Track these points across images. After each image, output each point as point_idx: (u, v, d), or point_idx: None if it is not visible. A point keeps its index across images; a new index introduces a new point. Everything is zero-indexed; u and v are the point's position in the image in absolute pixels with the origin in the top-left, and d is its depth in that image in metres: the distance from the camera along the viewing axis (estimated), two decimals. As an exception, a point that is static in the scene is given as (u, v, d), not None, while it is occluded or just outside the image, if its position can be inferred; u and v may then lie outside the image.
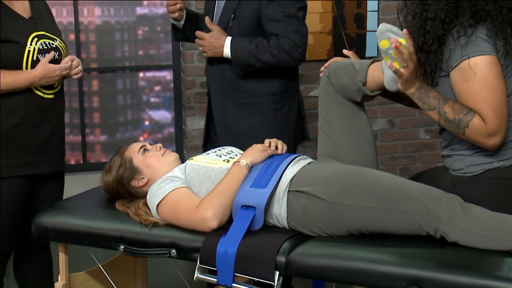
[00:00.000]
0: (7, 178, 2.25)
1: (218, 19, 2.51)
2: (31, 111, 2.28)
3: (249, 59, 2.43)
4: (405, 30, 1.78)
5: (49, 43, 2.31)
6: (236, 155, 2.07)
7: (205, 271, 1.85)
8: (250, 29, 2.46)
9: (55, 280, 2.15)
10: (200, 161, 2.04)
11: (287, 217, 1.89)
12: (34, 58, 2.26)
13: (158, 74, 4.09)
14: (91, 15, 3.92)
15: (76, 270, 2.20)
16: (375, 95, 1.99)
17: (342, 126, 2.01)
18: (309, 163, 1.99)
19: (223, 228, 1.86)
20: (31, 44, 2.25)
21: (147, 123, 4.13)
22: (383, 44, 1.81)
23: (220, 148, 2.17)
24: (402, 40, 1.77)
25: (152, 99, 4.11)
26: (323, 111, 2.06)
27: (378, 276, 1.67)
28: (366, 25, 3.93)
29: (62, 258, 2.09)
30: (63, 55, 2.36)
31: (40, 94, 2.30)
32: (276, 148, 2.03)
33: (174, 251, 1.88)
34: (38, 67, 2.25)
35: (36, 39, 2.28)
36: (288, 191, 1.89)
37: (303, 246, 1.79)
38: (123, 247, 1.94)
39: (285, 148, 2.05)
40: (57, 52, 2.33)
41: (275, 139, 2.06)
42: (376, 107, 4.01)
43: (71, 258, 2.13)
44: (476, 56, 1.76)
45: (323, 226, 1.85)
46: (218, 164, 2.01)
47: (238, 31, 2.46)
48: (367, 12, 3.92)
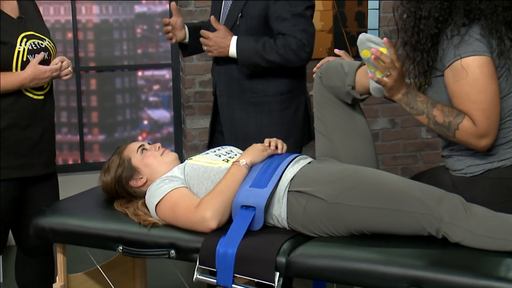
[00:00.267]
0: None
1: (225, 18, 2.49)
2: (22, 112, 2.26)
3: (255, 59, 2.41)
4: (385, 38, 1.77)
5: (38, 43, 2.29)
6: (236, 155, 2.06)
7: (204, 272, 1.84)
8: (258, 27, 2.43)
9: (53, 282, 2.14)
10: (199, 161, 2.03)
11: (287, 217, 1.88)
12: (24, 59, 2.24)
13: (157, 73, 4.07)
14: (89, 13, 3.91)
15: (74, 271, 2.20)
16: (364, 98, 1.98)
17: (338, 126, 2.01)
18: (309, 163, 1.98)
19: (223, 228, 1.85)
20: (20, 45, 2.23)
21: (145, 122, 4.12)
22: (364, 54, 1.80)
23: (219, 147, 2.16)
24: (383, 49, 1.76)
25: (151, 98, 4.10)
26: (318, 111, 2.06)
27: (379, 276, 1.66)
28: (367, 23, 3.91)
29: (60, 259, 2.08)
30: (52, 55, 2.34)
31: (30, 95, 2.28)
32: (276, 147, 2.02)
33: (173, 251, 1.87)
34: (28, 68, 2.22)
35: (25, 40, 2.25)
36: (288, 191, 1.88)
37: (304, 247, 1.79)
38: (121, 248, 1.93)
39: (285, 147, 2.04)
40: (46, 52, 2.30)
41: (275, 139, 2.05)
42: (377, 106, 4.00)
43: (69, 259, 2.12)
44: (468, 57, 1.75)
45: (323, 226, 1.84)
46: (218, 164, 2.00)
47: (246, 30, 2.44)
48: (368, 10, 3.91)
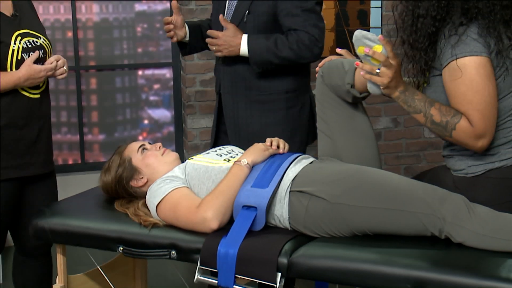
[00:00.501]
0: None
1: (232, 15, 2.45)
2: (18, 112, 2.25)
3: (267, 56, 2.37)
4: (380, 35, 1.76)
5: (33, 41, 2.27)
6: (237, 154, 2.06)
7: (205, 273, 1.84)
8: (266, 24, 2.40)
9: (53, 282, 2.13)
10: (200, 160, 2.02)
11: (289, 217, 1.87)
12: (19, 58, 2.22)
13: (158, 72, 4.07)
14: (89, 12, 3.91)
15: (74, 272, 2.19)
16: (364, 97, 1.97)
17: (340, 125, 2.00)
18: (311, 163, 1.97)
19: (224, 229, 1.84)
20: (15, 43, 2.21)
21: (146, 122, 4.11)
22: (360, 50, 1.79)
23: (220, 147, 2.15)
24: (379, 47, 1.75)
25: (151, 98, 4.10)
26: (320, 111, 2.05)
27: (382, 277, 1.65)
28: (369, 21, 3.90)
29: (60, 259, 2.08)
30: (48, 52, 2.32)
31: (27, 95, 2.26)
32: (278, 147, 2.02)
33: (174, 252, 1.87)
34: (22, 68, 2.21)
35: (19, 38, 2.23)
36: (290, 191, 1.87)
37: (306, 247, 1.78)
38: (122, 248, 1.93)
39: (286, 147, 2.03)
40: (41, 50, 2.28)
41: (277, 138, 2.05)
42: (380, 106, 3.98)
43: (69, 260, 2.12)
44: (465, 57, 1.74)
45: (325, 227, 1.83)
46: (219, 163, 1.99)
47: (253, 27, 2.40)
48: (371, 9, 3.89)
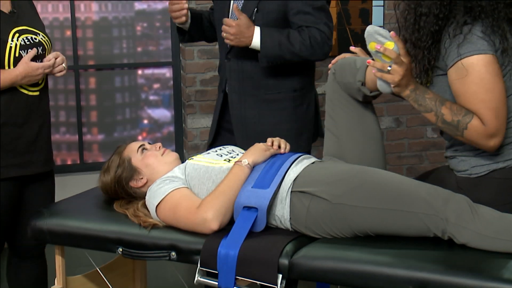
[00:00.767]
0: None
1: None
2: (17, 110, 2.24)
3: (280, 51, 2.34)
4: (392, 32, 1.74)
5: (31, 38, 2.25)
6: (238, 155, 2.05)
7: (205, 274, 1.83)
8: (275, 22, 2.39)
9: (52, 284, 2.13)
10: (200, 160, 2.01)
11: (290, 218, 1.86)
12: (16, 55, 2.21)
13: (157, 71, 4.07)
14: (88, 10, 3.90)
15: (73, 274, 2.19)
16: (375, 95, 1.95)
17: (348, 124, 1.98)
18: (312, 163, 1.96)
19: (224, 229, 1.84)
20: (12, 40, 2.20)
21: (146, 121, 4.11)
22: (371, 46, 1.77)
23: (221, 147, 2.14)
24: (391, 44, 1.73)
25: (151, 97, 4.09)
26: (329, 108, 2.03)
27: (384, 279, 1.64)
28: (371, 20, 3.89)
29: (58, 261, 2.07)
30: (47, 49, 2.31)
31: (25, 92, 2.25)
32: (279, 147, 2.01)
33: (174, 253, 1.86)
34: (19, 65, 2.20)
35: (17, 35, 2.22)
36: (291, 192, 1.86)
37: (307, 248, 1.77)
38: (121, 250, 1.92)
39: (288, 147, 2.02)
40: (40, 47, 2.27)
41: (278, 138, 2.04)
42: (382, 105, 3.98)
43: (68, 261, 2.11)
44: (472, 55, 1.72)
45: (327, 227, 1.82)
46: (219, 163, 1.98)
47: (262, 25, 2.38)
48: (372, 7, 3.88)
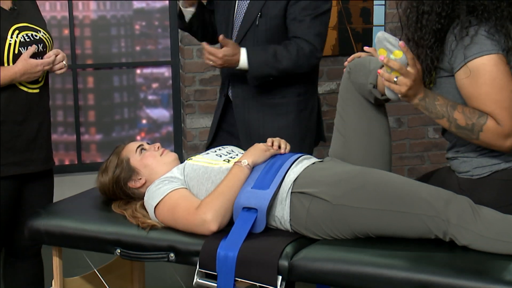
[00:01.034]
0: None
1: (243, 18, 2.44)
2: (16, 107, 2.23)
3: (267, 70, 2.36)
4: (401, 42, 1.72)
5: (32, 35, 2.24)
6: (237, 155, 2.04)
7: (204, 276, 1.82)
8: (278, 27, 2.40)
9: (48, 285, 2.12)
10: (199, 161, 2.00)
11: (290, 219, 1.85)
12: (16, 52, 2.20)
13: (156, 70, 4.06)
14: (86, 9, 3.89)
15: (71, 275, 2.18)
16: (386, 98, 1.92)
17: (357, 125, 1.96)
18: (313, 163, 1.95)
19: (224, 231, 1.83)
20: (11, 37, 2.19)
21: (144, 121, 4.10)
22: (381, 52, 1.76)
23: (220, 147, 2.13)
24: (399, 53, 1.71)
25: (150, 97, 4.09)
26: (340, 107, 2.01)
27: (384, 281, 1.63)
28: (372, 19, 3.88)
29: (56, 262, 2.06)
30: (48, 46, 2.30)
31: (25, 89, 2.24)
32: (279, 147, 2.00)
33: (172, 255, 1.85)
34: (18, 62, 2.19)
35: (17, 32, 2.21)
36: (291, 193, 1.85)
37: (307, 250, 1.76)
38: (119, 251, 1.91)
39: (288, 147, 2.01)
40: (41, 44, 2.26)
41: (278, 138, 2.03)
42: (383, 105, 3.96)
43: (65, 263, 2.10)
44: (482, 56, 1.71)
45: (327, 229, 1.81)
46: (218, 164, 1.97)
47: (265, 30, 2.40)
48: (374, 6, 3.87)
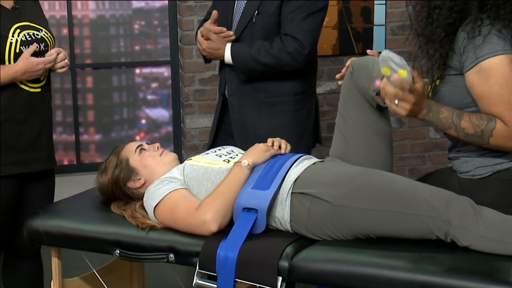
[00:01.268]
0: None
1: (240, 16, 2.46)
2: (18, 106, 2.23)
3: (251, 64, 2.39)
4: (413, 72, 1.69)
5: (33, 34, 2.25)
6: (237, 155, 2.03)
7: (204, 277, 1.81)
8: (274, 25, 2.41)
9: (48, 286, 2.12)
10: (199, 161, 2.00)
11: (290, 220, 1.84)
12: (17, 51, 2.20)
13: (155, 70, 4.05)
14: (85, 8, 3.89)
15: (70, 276, 2.17)
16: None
17: (358, 126, 1.95)
18: (313, 164, 1.94)
19: (224, 231, 1.82)
20: (13, 36, 2.19)
21: (143, 121, 4.10)
22: (385, 71, 1.74)
23: (220, 147, 2.12)
24: (403, 72, 1.69)
25: (149, 97, 4.08)
26: (342, 107, 2.00)
27: (385, 282, 1.63)
28: (373, 18, 3.87)
29: (55, 263, 2.05)
30: (50, 46, 2.30)
31: (26, 89, 2.24)
32: (280, 147, 1.99)
33: (172, 255, 1.84)
34: (19, 61, 2.19)
35: (18, 31, 2.21)
36: (292, 193, 1.84)
37: (307, 251, 1.76)
38: (118, 252, 1.91)
39: (288, 147, 2.00)
40: (42, 44, 2.26)
41: (278, 138, 2.02)
42: (384, 106, 3.96)
43: (64, 263, 2.09)
44: (495, 56, 1.70)
45: (327, 229, 1.80)
46: (218, 164, 1.96)
47: (262, 28, 2.42)
48: (374, 5, 3.86)
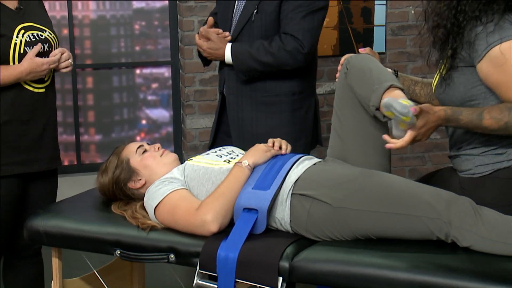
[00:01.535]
0: None
1: (240, 15, 2.47)
2: (22, 106, 2.23)
3: (250, 63, 2.39)
4: (413, 108, 1.67)
5: (37, 34, 2.25)
6: (238, 155, 2.03)
7: (205, 277, 1.81)
8: (273, 24, 2.42)
9: (48, 287, 2.11)
10: (199, 161, 2.00)
11: (291, 221, 1.84)
12: (21, 51, 2.21)
13: (156, 70, 4.05)
14: (85, 9, 3.89)
15: (70, 276, 2.17)
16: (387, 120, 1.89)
17: (354, 127, 1.94)
18: (314, 164, 1.93)
19: (224, 232, 1.82)
20: (17, 37, 2.20)
21: (144, 122, 4.09)
22: (388, 114, 1.74)
23: (220, 148, 2.12)
24: (406, 119, 1.68)
25: (150, 97, 4.08)
26: (337, 107, 1.98)
27: (385, 282, 1.63)
28: (373, 19, 3.88)
29: (55, 263, 2.05)
30: (54, 46, 2.31)
31: (30, 89, 2.25)
32: (280, 148, 1.98)
33: (172, 256, 1.84)
34: (24, 61, 2.20)
35: (23, 31, 2.22)
36: (292, 194, 1.84)
37: (307, 251, 1.75)
38: (119, 252, 1.90)
39: (289, 148, 2.00)
40: (46, 44, 2.27)
41: (279, 139, 2.02)
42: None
43: (64, 264, 2.09)
44: (508, 41, 1.69)
45: (327, 231, 1.80)
46: (219, 164, 1.96)
47: (260, 26, 2.42)
48: (375, 6, 3.86)
